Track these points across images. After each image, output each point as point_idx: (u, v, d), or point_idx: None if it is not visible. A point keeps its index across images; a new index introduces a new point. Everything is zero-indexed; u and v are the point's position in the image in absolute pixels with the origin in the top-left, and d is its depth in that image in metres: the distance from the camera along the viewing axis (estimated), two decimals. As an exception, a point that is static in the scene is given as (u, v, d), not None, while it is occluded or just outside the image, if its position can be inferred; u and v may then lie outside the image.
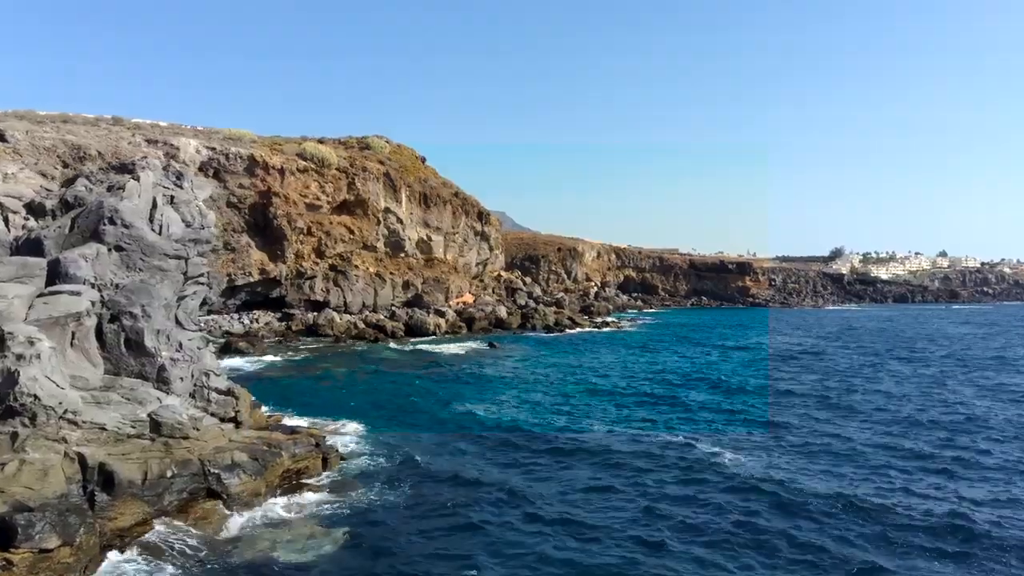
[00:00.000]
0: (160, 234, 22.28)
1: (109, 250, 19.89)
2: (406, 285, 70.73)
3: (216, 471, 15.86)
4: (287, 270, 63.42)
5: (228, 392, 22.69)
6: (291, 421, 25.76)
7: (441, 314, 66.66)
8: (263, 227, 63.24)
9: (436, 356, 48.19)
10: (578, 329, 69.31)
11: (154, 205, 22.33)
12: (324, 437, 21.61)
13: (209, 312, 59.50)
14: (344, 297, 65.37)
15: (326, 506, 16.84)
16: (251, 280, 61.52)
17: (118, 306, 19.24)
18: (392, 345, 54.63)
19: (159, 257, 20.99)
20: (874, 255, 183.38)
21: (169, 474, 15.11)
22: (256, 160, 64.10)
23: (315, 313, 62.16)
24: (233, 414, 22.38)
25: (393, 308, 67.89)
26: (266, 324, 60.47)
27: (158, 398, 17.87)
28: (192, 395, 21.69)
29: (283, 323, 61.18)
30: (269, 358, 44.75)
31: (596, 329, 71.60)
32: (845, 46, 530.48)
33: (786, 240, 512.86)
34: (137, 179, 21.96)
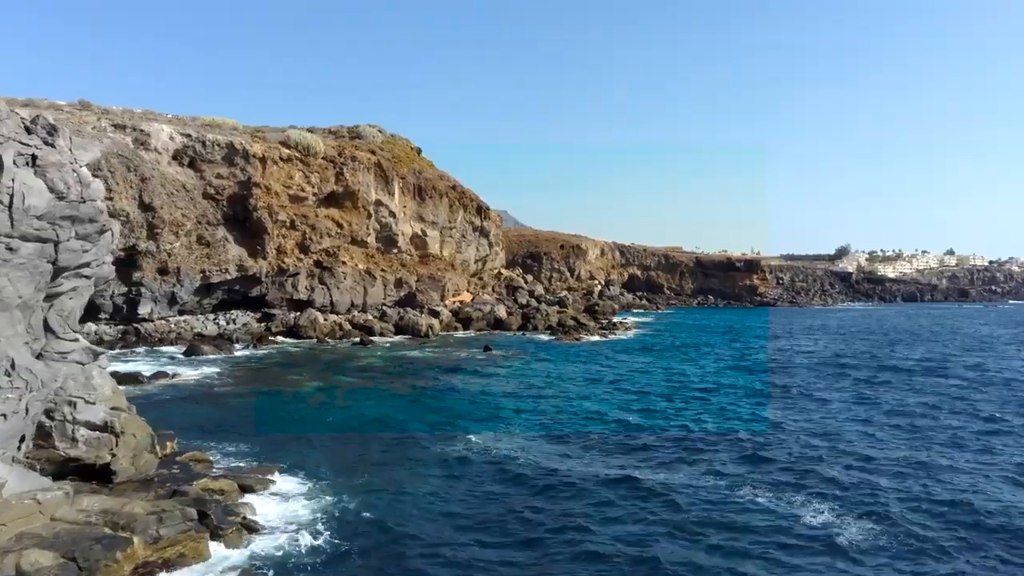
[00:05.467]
0: (10, 206, 15.36)
1: (-102, 225, 13.08)
2: (399, 283, 63.79)
3: (-19, 593, 9.00)
4: (268, 267, 56.53)
5: (105, 427, 15.84)
6: (210, 459, 18.90)
7: (435, 314, 59.71)
8: (242, 220, 56.41)
9: (424, 363, 41.24)
10: (584, 337, 59.74)
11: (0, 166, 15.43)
12: (229, 498, 14.68)
13: (181, 312, 52.74)
14: (330, 296, 58.48)
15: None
16: (228, 277, 54.62)
17: (-102, 308, 12.42)
18: (378, 349, 47.66)
19: (-22, 236, 14.10)
20: (880, 253, 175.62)
21: None
22: (235, 148, 57.29)
23: (297, 313, 55.30)
24: (108, 459, 15.55)
25: (384, 307, 60.98)
26: (243, 325, 53.59)
27: (-63, 453, 11.01)
28: (46, 435, 14.87)
29: (262, 324, 54.33)
30: (228, 367, 37.86)
31: (604, 334, 63.36)
32: (846, 42, 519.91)
33: (789, 239, 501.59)
34: (-31, 128, 15.10)
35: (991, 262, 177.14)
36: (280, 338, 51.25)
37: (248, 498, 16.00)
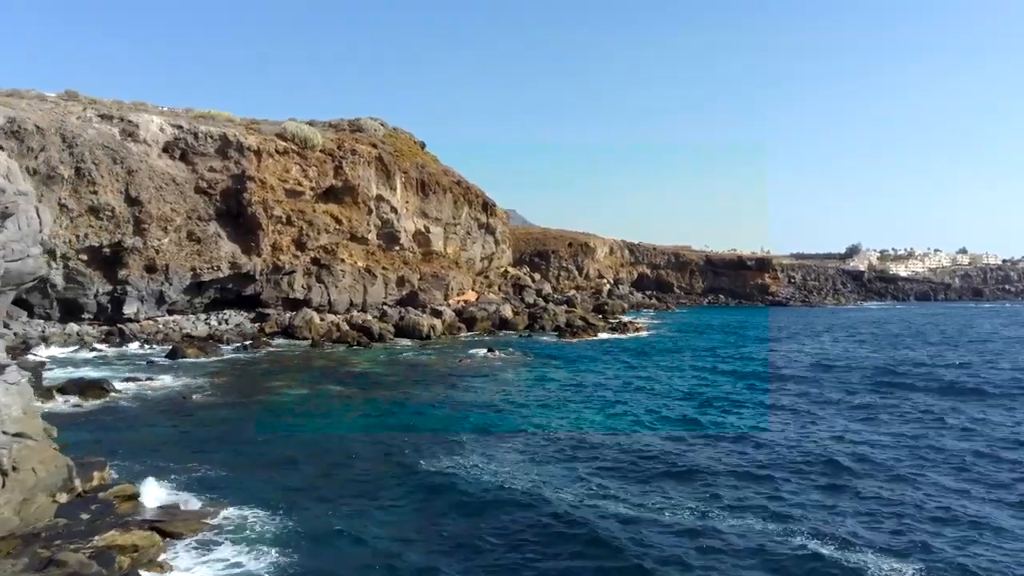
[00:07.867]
0: None
1: None
2: (400, 281, 60.20)
3: None
4: (262, 264, 53.07)
5: (-10, 463, 12.23)
6: (139, 494, 15.22)
7: (437, 314, 56.05)
8: (236, 215, 52.99)
9: (423, 368, 37.59)
10: (593, 337, 55.72)
11: None
12: (144, 555, 11.07)
13: (170, 312, 49.38)
14: (328, 295, 54.97)
15: None
16: (220, 275, 51.22)
17: None
18: (376, 352, 44.05)
19: None
20: (892, 252, 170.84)
21: None
22: (229, 140, 53.81)
23: (292, 313, 51.76)
24: (-11, 506, 11.94)
25: (384, 307, 57.40)
26: (236, 326, 50.15)
27: None
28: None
29: (256, 324, 50.85)
30: (210, 373, 34.30)
31: (613, 334, 59.59)
32: (846, 41, 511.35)
33: (798, 237, 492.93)
34: None
35: (1004, 261, 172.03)
36: (274, 339, 47.67)
37: (173, 551, 12.41)
